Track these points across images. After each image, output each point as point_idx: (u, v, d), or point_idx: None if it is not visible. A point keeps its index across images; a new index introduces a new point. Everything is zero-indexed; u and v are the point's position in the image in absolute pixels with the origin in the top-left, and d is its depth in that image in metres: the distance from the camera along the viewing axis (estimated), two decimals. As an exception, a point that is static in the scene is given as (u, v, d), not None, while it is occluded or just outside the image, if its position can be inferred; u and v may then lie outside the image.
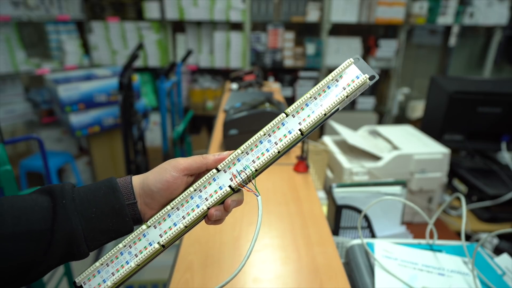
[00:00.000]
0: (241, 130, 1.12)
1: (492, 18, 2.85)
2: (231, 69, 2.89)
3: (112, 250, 0.42)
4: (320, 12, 2.75)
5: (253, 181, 0.42)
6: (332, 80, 0.42)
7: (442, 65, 3.26)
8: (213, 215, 0.41)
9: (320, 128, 3.15)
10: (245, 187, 0.42)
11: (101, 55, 2.84)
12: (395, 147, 1.27)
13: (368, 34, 3.02)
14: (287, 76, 3.00)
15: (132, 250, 0.42)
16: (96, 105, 2.44)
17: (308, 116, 0.41)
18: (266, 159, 0.41)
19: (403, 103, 3.18)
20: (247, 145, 0.42)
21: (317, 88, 0.42)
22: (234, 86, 1.88)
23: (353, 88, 0.41)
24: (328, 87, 0.42)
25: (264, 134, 0.42)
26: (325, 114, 0.41)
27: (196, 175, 0.45)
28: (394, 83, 3.02)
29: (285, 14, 2.76)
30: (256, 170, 0.42)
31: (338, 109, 0.42)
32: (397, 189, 1.02)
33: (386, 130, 1.42)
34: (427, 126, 1.64)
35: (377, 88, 3.09)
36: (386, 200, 1.00)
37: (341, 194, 0.99)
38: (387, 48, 2.88)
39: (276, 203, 0.89)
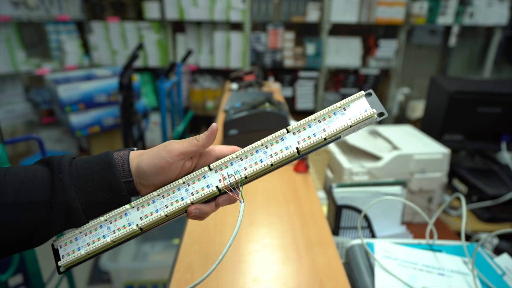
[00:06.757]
0: (241, 130, 1.12)
1: (492, 18, 2.85)
2: (231, 69, 2.89)
3: (93, 221, 0.43)
4: (320, 12, 2.75)
5: (240, 187, 0.42)
6: (339, 107, 0.42)
7: (442, 65, 3.26)
8: (192, 212, 0.42)
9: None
10: (231, 192, 0.42)
11: (101, 55, 2.84)
12: (395, 147, 1.27)
13: (368, 34, 3.02)
14: (287, 76, 3.00)
15: (111, 226, 0.42)
16: (96, 105, 2.44)
17: (308, 137, 0.42)
18: (257, 168, 0.42)
19: (403, 103, 3.18)
20: (243, 152, 0.43)
21: (323, 112, 0.42)
22: (234, 86, 1.88)
23: (358, 119, 0.41)
24: (334, 114, 0.42)
25: (262, 145, 0.43)
26: (325, 139, 0.41)
27: (198, 157, 0.44)
28: (394, 83, 3.02)
29: (285, 14, 2.76)
30: (245, 177, 0.42)
31: (340, 137, 0.42)
32: (397, 189, 1.02)
33: (386, 130, 1.42)
34: (427, 126, 1.64)
35: (377, 88, 3.09)
36: (386, 200, 1.00)
37: (341, 194, 0.99)
38: (387, 48, 2.88)
39: (276, 203, 0.89)
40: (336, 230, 0.95)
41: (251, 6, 2.72)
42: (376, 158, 1.24)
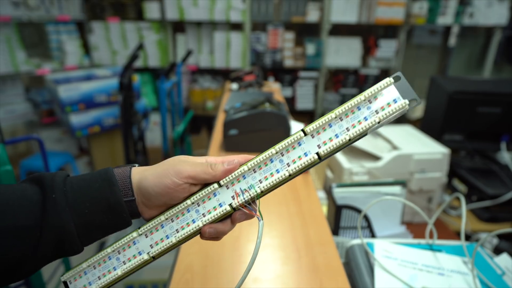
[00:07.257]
0: (241, 130, 1.12)
1: (492, 18, 2.85)
2: (231, 69, 2.89)
3: (100, 253, 0.40)
4: (320, 12, 2.75)
5: (257, 202, 0.38)
6: (364, 100, 0.36)
7: (442, 65, 3.26)
8: (206, 232, 0.38)
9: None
10: (247, 208, 0.39)
11: (101, 55, 2.84)
12: (395, 147, 1.27)
13: (368, 34, 3.02)
14: (287, 76, 3.01)
15: (120, 256, 0.39)
16: (96, 105, 2.44)
17: (330, 139, 0.36)
18: (274, 181, 0.37)
19: (403, 103, 3.18)
20: (256, 162, 0.38)
21: (345, 107, 0.36)
22: (234, 86, 1.88)
23: (388, 113, 0.35)
24: (358, 108, 0.36)
25: (277, 153, 0.37)
26: (349, 140, 0.36)
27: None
28: (394, 83, 3.02)
29: (285, 14, 2.76)
30: (261, 192, 0.38)
31: (366, 134, 0.36)
32: (397, 189, 1.02)
33: (386, 130, 1.42)
34: (427, 126, 1.64)
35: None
36: (386, 200, 1.00)
37: (341, 194, 0.99)
38: (387, 48, 2.88)
39: (276, 203, 0.89)
40: (336, 230, 0.95)
41: (251, 6, 2.72)
42: (376, 158, 1.24)
